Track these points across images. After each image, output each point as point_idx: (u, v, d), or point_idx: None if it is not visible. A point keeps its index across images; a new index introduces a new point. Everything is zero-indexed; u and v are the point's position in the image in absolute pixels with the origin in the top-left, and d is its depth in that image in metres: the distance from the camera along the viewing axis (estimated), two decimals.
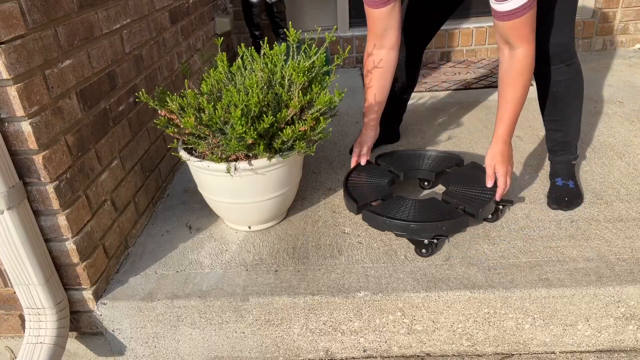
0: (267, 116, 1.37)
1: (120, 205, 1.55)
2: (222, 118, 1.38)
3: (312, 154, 1.54)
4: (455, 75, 3.00)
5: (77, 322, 1.42)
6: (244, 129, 1.34)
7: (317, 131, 1.48)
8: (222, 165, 1.44)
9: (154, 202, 1.82)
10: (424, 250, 1.47)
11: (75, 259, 1.31)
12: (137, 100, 1.67)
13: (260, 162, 1.45)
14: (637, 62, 3.02)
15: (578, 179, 1.75)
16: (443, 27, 3.20)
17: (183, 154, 1.53)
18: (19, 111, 1.12)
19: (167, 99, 1.43)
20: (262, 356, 1.46)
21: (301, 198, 1.82)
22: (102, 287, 1.42)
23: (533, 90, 2.67)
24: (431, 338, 1.41)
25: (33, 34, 1.15)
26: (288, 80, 1.48)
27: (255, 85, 1.43)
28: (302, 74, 1.45)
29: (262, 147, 1.40)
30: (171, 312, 1.39)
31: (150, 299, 1.39)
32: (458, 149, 2.10)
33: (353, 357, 1.45)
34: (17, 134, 1.15)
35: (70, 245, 1.29)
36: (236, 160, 1.47)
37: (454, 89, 2.79)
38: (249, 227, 1.65)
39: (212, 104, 1.42)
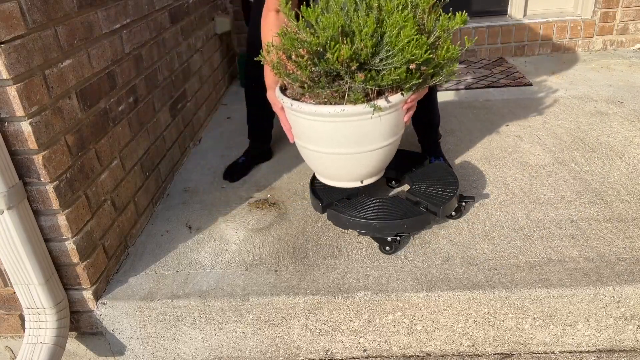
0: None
1: (120, 205, 1.55)
2: (371, 49, 1.24)
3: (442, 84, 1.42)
4: (455, 75, 3.00)
5: (77, 322, 1.42)
6: (416, 50, 1.22)
7: (450, 53, 1.35)
8: (359, 107, 1.29)
9: (154, 202, 1.82)
10: (387, 248, 1.49)
11: (75, 258, 1.31)
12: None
13: (397, 97, 1.34)
14: (637, 62, 3.02)
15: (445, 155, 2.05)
16: None
17: (293, 103, 1.37)
18: (19, 111, 1.12)
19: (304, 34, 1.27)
20: (262, 356, 1.46)
21: (301, 198, 1.82)
22: (102, 287, 1.42)
23: (533, 90, 2.68)
24: (431, 338, 1.41)
25: (33, 34, 1.15)
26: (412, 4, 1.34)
27: (395, 9, 1.28)
28: None
29: (416, 74, 1.28)
30: (171, 312, 1.39)
31: (150, 299, 1.39)
32: (458, 149, 2.10)
33: (353, 357, 1.45)
34: (17, 134, 1.15)
35: (70, 245, 1.29)
36: (360, 102, 1.33)
37: (454, 89, 2.79)
38: (361, 182, 1.52)
39: (351, 36, 1.27)
